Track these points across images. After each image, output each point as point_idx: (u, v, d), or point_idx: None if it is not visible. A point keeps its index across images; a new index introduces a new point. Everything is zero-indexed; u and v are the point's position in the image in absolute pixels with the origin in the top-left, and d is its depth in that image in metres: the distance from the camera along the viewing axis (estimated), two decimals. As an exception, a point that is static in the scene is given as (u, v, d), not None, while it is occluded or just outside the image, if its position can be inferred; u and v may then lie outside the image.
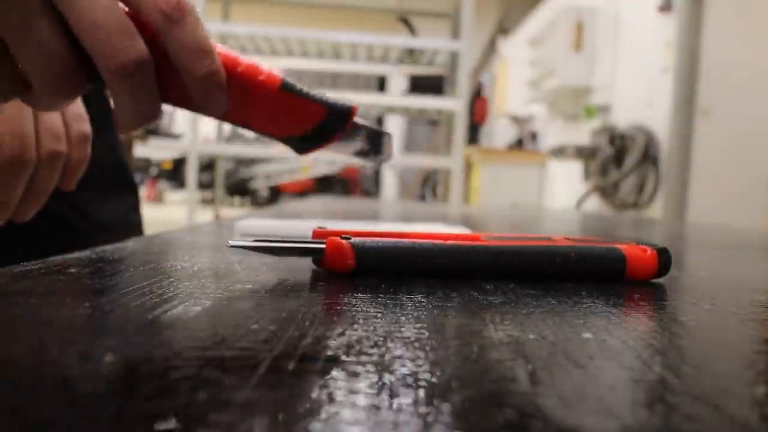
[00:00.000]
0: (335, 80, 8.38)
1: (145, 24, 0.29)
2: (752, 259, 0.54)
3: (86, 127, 0.42)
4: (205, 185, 6.59)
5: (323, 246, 0.30)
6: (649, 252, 0.32)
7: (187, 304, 0.23)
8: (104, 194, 0.59)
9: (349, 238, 0.30)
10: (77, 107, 0.42)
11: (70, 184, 0.43)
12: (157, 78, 0.29)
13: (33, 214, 0.42)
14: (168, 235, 0.46)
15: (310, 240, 0.31)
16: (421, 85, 7.11)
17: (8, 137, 0.37)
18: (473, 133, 6.45)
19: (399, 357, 0.17)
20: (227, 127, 4.64)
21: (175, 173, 7.12)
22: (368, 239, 0.30)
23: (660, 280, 0.33)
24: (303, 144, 0.33)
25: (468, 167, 5.16)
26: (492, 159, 4.96)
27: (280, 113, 0.32)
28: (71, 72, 0.27)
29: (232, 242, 0.29)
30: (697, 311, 0.27)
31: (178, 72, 0.29)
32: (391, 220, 0.79)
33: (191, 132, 3.14)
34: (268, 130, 0.33)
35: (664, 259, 0.32)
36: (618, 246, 0.33)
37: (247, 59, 0.31)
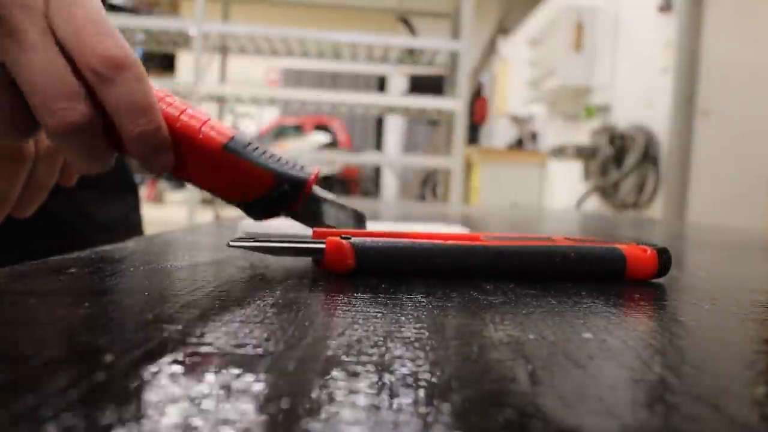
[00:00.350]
0: (335, 80, 8.38)
1: None
2: (752, 259, 0.54)
3: None
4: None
5: (323, 246, 0.29)
6: (649, 252, 0.32)
7: (187, 304, 0.23)
8: (104, 194, 0.59)
9: (349, 238, 0.30)
10: None
11: (70, 180, 0.43)
12: (110, 129, 0.28)
13: (33, 210, 0.41)
14: (168, 235, 0.46)
15: (310, 240, 0.30)
16: (421, 85, 7.11)
17: None
18: (473, 133, 6.45)
19: (399, 357, 0.17)
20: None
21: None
22: (368, 239, 0.30)
23: (660, 280, 0.33)
24: (253, 210, 0.32)
25: (468, 167, 5.17)
26: (492, 159, 4.96)
27: (225, 176, 0.30)
28: (18, 118, 0.27)
29: (232, 242, 0.29)
30: (697, 311, 0.27)
31: None
32: (391, 219, 0.79)
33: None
34: (214, 191, 0.32)
35: (664, 259, 0.32)
36: (618, 246, 0.32)
37: (194, 113, 0.30)
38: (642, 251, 0.32)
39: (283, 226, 0.38)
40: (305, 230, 0.33)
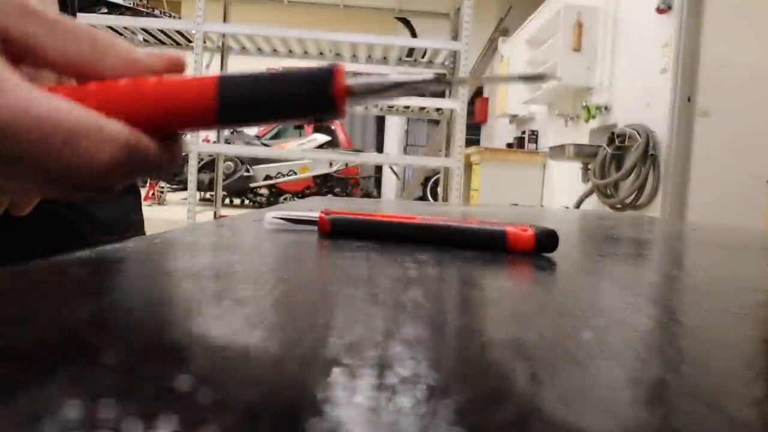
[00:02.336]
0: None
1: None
2: (752, 259, 0.54)
3: None
4: (205, 185, 6.56)
5: (317, 219, 0.47)
6: (528, 232, 0.40)
7: (187, 303, 0.23)
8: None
9: (328, 215, 0.46)
10: None
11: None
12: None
13: (30, 208, 0.41)
14: (168, 235, 0.46)
15: (314, 216, 0.48)
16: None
17: None
18: (473, 133, 6.43)
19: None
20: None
21: (175, 173, 7.12)
22: (339, 215, 0.46)
23: (664, 281, 0.33)
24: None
25: (468, 167, 5.17)
26: (492, 159, 4.96)
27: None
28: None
29: (271, 216, 0.49)
30: (697, 311, 0.27)
31: None
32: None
33: (191, 132, 3.15)
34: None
35: (540, 238, 0.40)
36: (504, 227, 0.41)
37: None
38: (522, 230, 0.40)
39: (298, 214, 0.51)
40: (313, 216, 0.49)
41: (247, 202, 7.41)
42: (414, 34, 6.26)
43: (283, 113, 0.25)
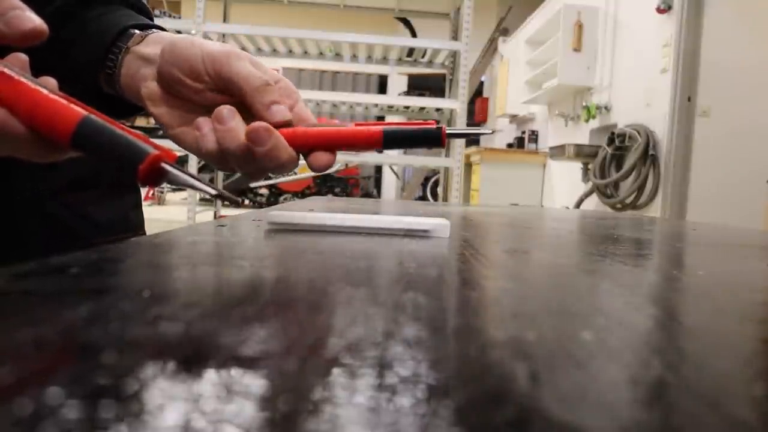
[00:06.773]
0: (335, 80, 8.37)
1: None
2: (752, 258, 0.54)
3: None
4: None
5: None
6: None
7: (186, 303, 0.23)
8: (103, 194, 0.58)
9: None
10: None
11: None
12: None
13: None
14: (168, 234, 0.46)
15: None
16: (420, 85, 7.08)
17: None
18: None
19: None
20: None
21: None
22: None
23: (664, 281, 0.33)
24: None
25: (468, 167, 5.16)
26: (492, 159, 4.96)
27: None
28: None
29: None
30: (697, 311, 0.27)
31: None
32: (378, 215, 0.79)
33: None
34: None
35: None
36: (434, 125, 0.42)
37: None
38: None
39: (298, 215, 0.50)
40: (308, 217, 0.49)
41: (247, 201, 7.41)
42: (414, 34, 6.26)
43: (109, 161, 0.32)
